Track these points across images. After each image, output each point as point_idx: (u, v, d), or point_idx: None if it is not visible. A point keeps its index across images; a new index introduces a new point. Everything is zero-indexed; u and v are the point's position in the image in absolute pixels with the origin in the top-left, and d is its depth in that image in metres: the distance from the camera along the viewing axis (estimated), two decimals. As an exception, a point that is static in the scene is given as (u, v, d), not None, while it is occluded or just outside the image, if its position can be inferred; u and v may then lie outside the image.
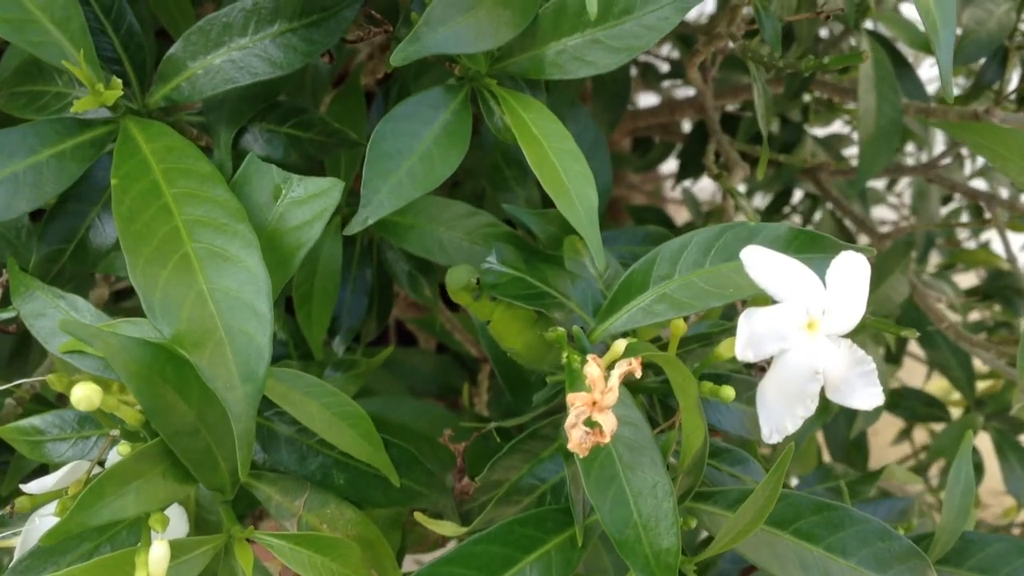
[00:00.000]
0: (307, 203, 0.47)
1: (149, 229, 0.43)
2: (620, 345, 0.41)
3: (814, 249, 0.45)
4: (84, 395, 0.39)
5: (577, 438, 0.37)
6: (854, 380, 0.40)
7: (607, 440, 0.37)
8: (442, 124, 0.51)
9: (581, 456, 0.38)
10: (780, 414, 0.39)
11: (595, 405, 0.37)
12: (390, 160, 0.49)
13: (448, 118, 0.51)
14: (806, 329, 0.38)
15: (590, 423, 0.37)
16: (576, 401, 0.37)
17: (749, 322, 0.37)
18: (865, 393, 0.40)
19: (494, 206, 0.68)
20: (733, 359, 0.51)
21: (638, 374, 0.37)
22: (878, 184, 1.47)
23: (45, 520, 0.46)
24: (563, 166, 0.50)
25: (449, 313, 0.93)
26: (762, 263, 0.38)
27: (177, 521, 0.49)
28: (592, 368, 0.37)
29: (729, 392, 0.44)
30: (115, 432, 0.47)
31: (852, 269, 0.39)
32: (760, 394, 0.39)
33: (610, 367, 0.39)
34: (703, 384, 0.45)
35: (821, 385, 0.39)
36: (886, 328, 0.52)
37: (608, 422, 0.37)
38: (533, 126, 0.50)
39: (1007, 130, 0.67)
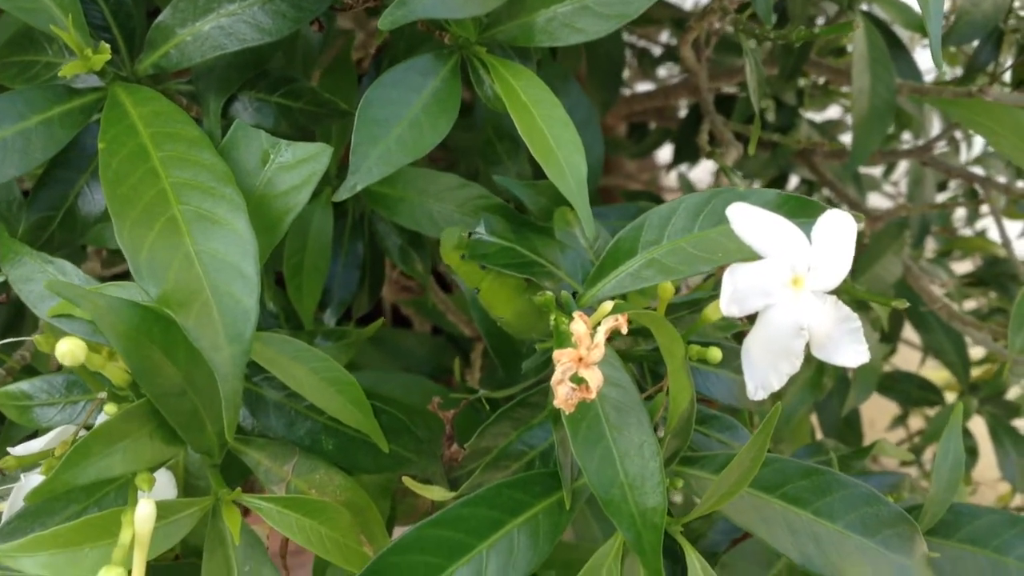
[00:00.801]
0: (295, 168, 0.47)
1: (136, 192, 0.43)
2: (607, 305, 0.41)
3: (803, 214, 0.45)
4: (68, 349, 0.39)
5: (563, 394, 0.37)
6: (839, 337, 0.40)
7: (593, 396, 0.37)
8: (431, 91, 0.51)
9: (567, 412, 0.38)
10: (765, 370, 0.39)
11: (581, 361, 0.37)
12: (379, 127, 0.49)
13: (437, 85, 0.51)
14: (791, 285, 0.38)
15: (576, 379, 0.37)
16: (562, 357, 0.37)
17: (733, 277, 0.37)
18: (850, 350, 0.40)
19: (488, 183, 0.68)
20: (723, 327, 0.52)
21: (624, 330, 0.37)
22: (874, 171, 1.47)
23: (32, 480, 0.46)
24: (552, 134, 0.50)
25: (442, 294, 0.93)
26: (748, 219, 0.38)
27: (166, 486, 0.49)
28: (578, 325, 0.37)
29: (716, 353, 0.44)
30: (103, 396, 0.47)
31: (838, 227, 0.39)
32: (745, 350, 0.39)
33: (597, 326, 0.39)
34: (690, 347, 0.45)
35: (806, 341, 0.39)
36: (875, 299, 0.52)
37: (594, 378, 0.37)
38: (522, 93, 0.50)
39: (1001, 107, 0.67)
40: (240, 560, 0.46)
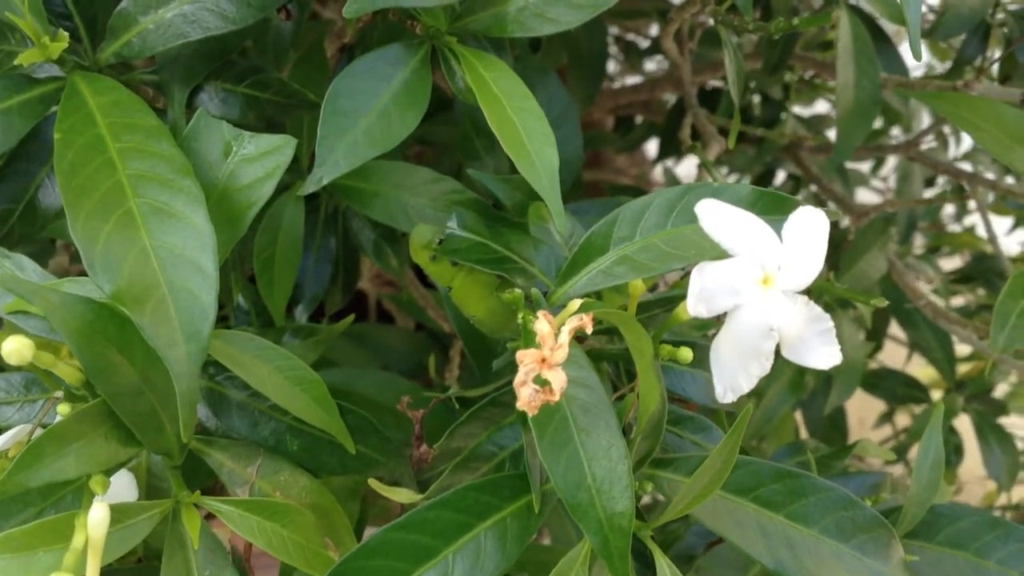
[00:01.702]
0: (259, 160, 0.46)
1: (91, 183, 0.42)
2: (573, 304, 0.40)
3: (778, 211, 0.44)
4: (15, 348, 0.37)
5: (526, 396, 0.36)
6: (811, 338, 0.38)
7: (557, 398, 0.35)
8: (401, 81, 0.49)
9: (531, 415, 0.36)
10: (734, 372, 0.38)
11: (544, 362, 0.36)
12: (346, 118, 0.48)
13: (407, 76, 0.49)
14: (761, 284, 0.37)
15: (540, 381, 0.36)
16: (525, 358, 0.36)
17: (701, 276, 0.36)
18: (822, 351, 0.38)
19: (468, 179, 0.67)
20: (699, 326, 0.51)
21: (589, 330, 0.36)
22: (862, 167, 1.46)
23: (-17, 482, 0.44)
24: (524, 126, 0.48)
25: (423, 289, 0.92)
26: (716, 215, 0.37)
27: (127, 487, 0.48)
28: (542, 324, 0.36)
29: (686, 353, 0.43)
30: (59, 394, 0.45)
31: (810, 224, 0.38)
32: (714, 351, 0.38)
33: (563, 326, 0.38)
34: (662, 347, 0.44)
35: (776, 342, 0.37)
36: (855, 296, 0.51)
37: (558, 379, 0.35)
38: (494, 85, 0.49)
39: (984, 101, 0.66)
40: (200, 564, 0.45)
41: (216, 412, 0.48)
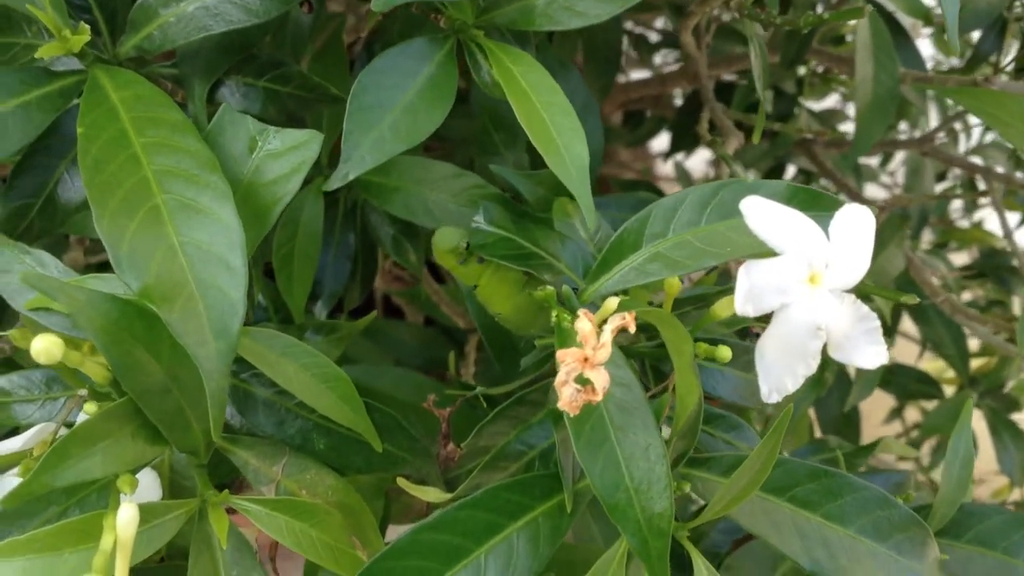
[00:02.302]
0: (284, 156, 0.45)
1: (116, 179, 0.41)
2: (612, 302, 0.39)
3: (815, 207, 0.43)
4: (44, 347, 0.37)
5: (568, 396, 0.35)
6: (857, 337, 0.38)
7: (599, 398, 0.35)
8: (426, 77, 0.48)
9: (571, 415, 0.36)
10: (780, 372, 0.37)
11: (587, 361, 0.35)
12: (372, 113, 0.47)
13: (432, 71, 0.49)
14: (808, 283, 0.36)
15: (581, 380, 0.35)
16: (567, 358, 0.35)
17: (749, 274, 0.35)
18: (869, 351, 0.38)
19: (482, 174, 0.66)
20: (727, 323, 0.50)
21: (632, 328, 0.35)
22: (871, 161, 1.45)
23: (8, 481, 0.44)
24: (553, 121, 0.48)
25: (436, 285, 0.91)
26: (763, 213, 0.36)
27: (151, 487, 0.47)
28: (584, 323, 0.35)
29: (725, 352, 0.42)
30: (83, 392, 0.45)
31: (857, 222, 0.38)
32: (759, 351, 0.38)
33: (602, 324, 0.37)
34: (698, 345, 0.43)
35: (823, 342, 0.37)
36: (884, 294, 0.50)
37: (600, 379, 0.35)
38: (522, 79, 0.48)
39: (1009, 95, 0.65)
40: (228, 564, 0.45)
41: (242, 410, 0.47)
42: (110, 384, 0.43)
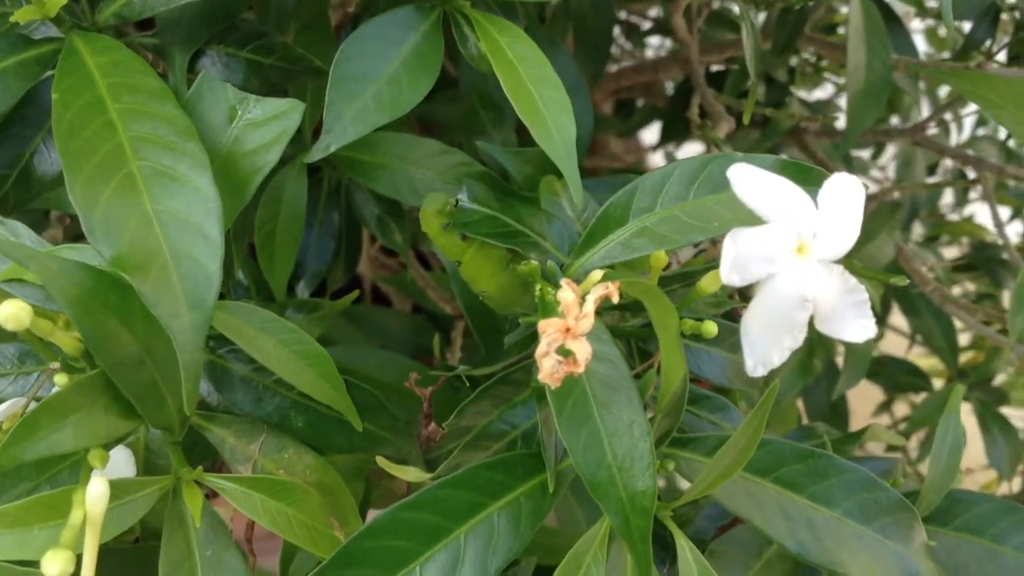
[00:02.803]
0: (265, 125, 0.44)
1: (91, 145, 0.40)
2: (596, 274, 0.38)
3: (804, 181, 0.42)
4: (12, 312, 0.35)
5: (549, 367, 0.34)
6: (845, 310, 0.37)
7: (581, 370, 0.34)
8: (412, 46, 0.48)
9: (553, 388, 0.35)
10: (766, 344, 0.36)
11: (568, 332, 0.34)
12: (355, 83, 0.46)
13: (418, 40, 0.48)
14: (796, 253, 0.35)
15: (563, 351, 0.34)
16: (548, 328, 0.34)
17: (735, 243, 0.34)
18: (856, 324, 0.37)
19: (473, 154, 0.66)
20: (714, 304, 0.49)
21: (615, 298, 0.34)
22: (863, 153, 1.45)
23: (-24, 456, 0.43)
24: (540, 93, 0.47)
25: (423, 271, 0.90)
26: (751, 180, 0.35)
27: (125, 464, 0.46)
28: (566, 293, 0.35)
29: (711, 327, 0.41)
30: (56, 366, 0.44)
31: (846, 191, 0.37)
32: (745, 323, 0.37)
33: (586, 296, 0.36)
34: (684, 321, 0.42)
35: (810, 314, 0.36)
36: (873, 275, 0.50)
37: (582, 350, 0.34)
38: (508, 50, 0.47)
39: (1003, 79, 0.64)
40: (202, 543, 0.44)
41: (218, 386, 0.46)
42: (82, 356, 0.42)
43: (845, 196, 0.37)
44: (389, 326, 0.95)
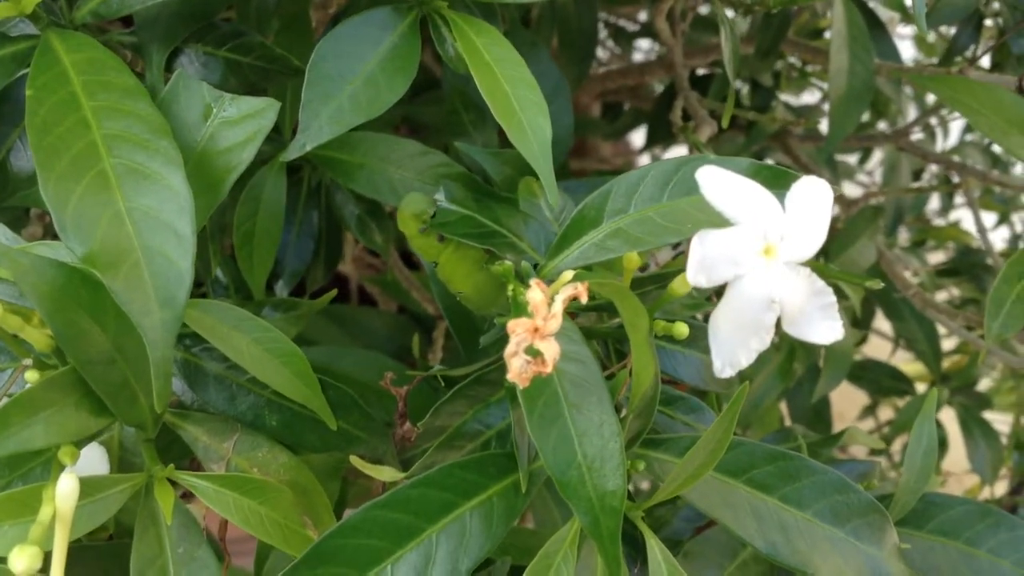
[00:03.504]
0: (240, 124, 0.44)
1: (64, 142, 0.40)
2: (567, 274, 0.38)
3: (778, 185, 0.42)
4: (-23, 306, 0.35)
5: (517, 367, 0.34)
6: (812, 312, 0.37)
7: (549, 369, 0.34)
8: (389, 47, 0.48)
9: (521, 387, 0.35)
10: (733, 346, 0.37)
11: (537, 332, 0.34)
12: (331, 83, 0.46)
13: (395, 41, 0.48)
14: (763, 255, 0.35)
15: (532, 351, 0.34)
16: (517, 328, 0.34)
17: (703, 244, 0.34)
18: (823, 326, 0.37)
19: (455, 159, 0.66)
20: (690, 305, 0.49)
21: (583, 299, 0.34)
22: (849, 159, 1.45)
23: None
24: (516, 94, 0.47)
25: (407, 271, 0.91)
26: (718, 182, 0.36)
27: (98, 461, 0.46)
28: (535, 293, 0.35)
29: (682, 328, 0.41)
30: (28, 362, 0.43)
31: (813, 194, 0.37)
32: (712, 324, 0.37)
33: (556, 296, 0.36)
34: (656, 322, 0.42)
35: (777, 316, 0.36)
36: (848, 278, 0.50)
37: (550, 350, 0.34)
38: (485, 52, 0.48)
39: (981, 85, 0.65)
40: (174, 541, 0.44)
41: (192, 385, 0.46)
42: (54, 353, 0.42)
43: (812, 199, 0.37)
44: (373, 326, 0.95)
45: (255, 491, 0.43)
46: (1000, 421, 1.23)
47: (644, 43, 1.44)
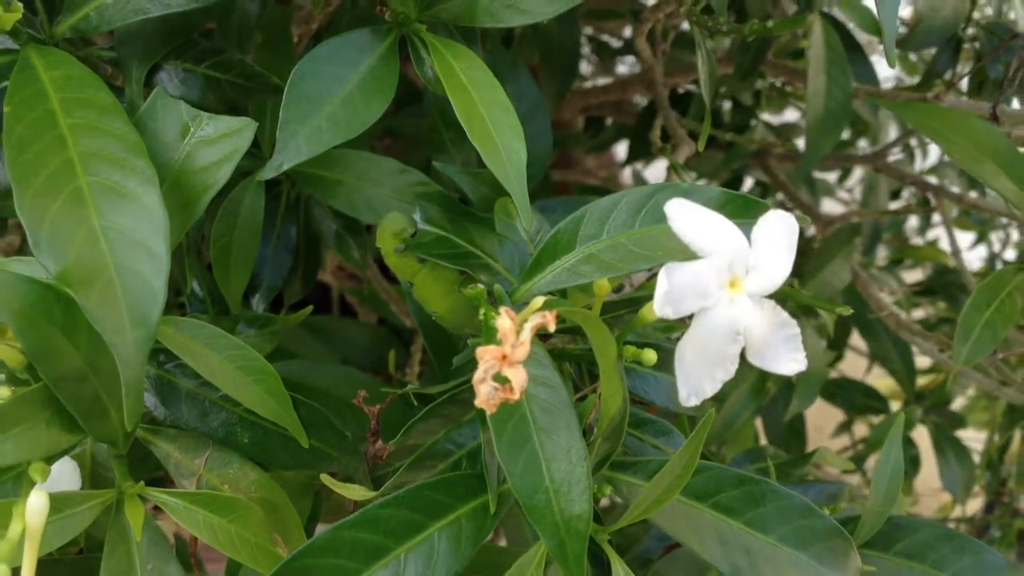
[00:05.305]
0: (217, 143, 0.44)
1: (40, 159, 0.40)
2: (538, 301, 0.39)
3: (747, 214, 0.43)
4: (-54, 325, 0.36)
5: (485, 394, 0.35)
6: (776, 344, 0.38)
7: (516, 397, 0.34)
8: (368, 68, 0.48)
9: (489, 412, 0.35)
10: (699, 376, 0.37)
11: (505, 359, 0.34)
12: (310, 103, 0.46)
13: (374, 63, 0.48)
14: (728, 288, 0.36)
15: (500, 378, 0.35)
16: (485, 355, 0.35)
17: (669, 277, 0.35)
18: (787, 358, 0.38)
19: (437, 173, 0.66)
20: (664, 328, 0.50)
21: (551, 327, 0.35)
22: (829, 177, 1.46)
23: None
24: (492, 118, 0.47)
25: (386, 284, 0.91)
26: (685, 215, 0.36)
27: (70, 477, 0.46)
28: (504, 321, 0.35)
29: (651, 355, 0.42)
30: (0, 378, 0.44)
31: (779, 228, 0.38)
32: (678, 354, 0.37)
33: (525, 323, 0.37)
34: (626, 348, 0.43)
35: (742, 347, 0.37)
36: (820, 303, 0.51)
37: (518, 378, 0.34)
38: (462, 75, 0.48)
39: (953, 112, 0.65)
40: (143, 557, 0.44)
41: (164, 401, 0.47)
42: (26, 369, 0.42)
43: (778, 233, 0.38)
44: (351, 338, 0.95)
45: (225, 509, 0.44)
46: (974, 439, 1.25)
47: (629, 56, 1.45)
